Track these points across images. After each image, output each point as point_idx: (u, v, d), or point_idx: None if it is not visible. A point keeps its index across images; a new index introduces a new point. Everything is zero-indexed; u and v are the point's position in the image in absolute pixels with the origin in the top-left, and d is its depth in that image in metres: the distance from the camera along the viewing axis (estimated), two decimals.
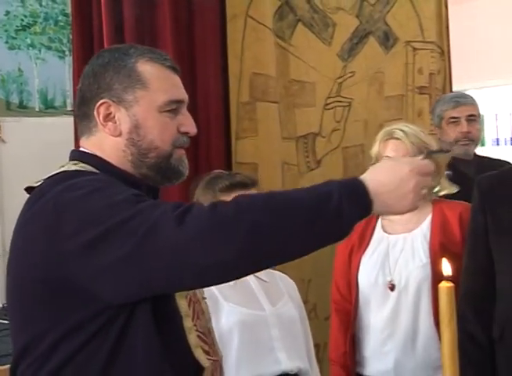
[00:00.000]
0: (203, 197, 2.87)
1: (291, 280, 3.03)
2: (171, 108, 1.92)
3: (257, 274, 2.89)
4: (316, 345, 3.38)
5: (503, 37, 6.19)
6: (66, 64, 6.10)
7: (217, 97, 3.67)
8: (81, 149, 1.98)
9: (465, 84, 5.31)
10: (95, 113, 1.92)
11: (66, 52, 6.13)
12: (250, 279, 2.88)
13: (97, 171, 1.90)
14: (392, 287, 3.28)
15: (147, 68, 1.93)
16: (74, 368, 1.80)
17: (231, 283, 2.80)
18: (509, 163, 3.99)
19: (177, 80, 1.98)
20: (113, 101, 1.91)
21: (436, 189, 1.88)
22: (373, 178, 1.71)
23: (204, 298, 2.06)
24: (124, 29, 3.50)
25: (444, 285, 1.45)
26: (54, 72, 6.35)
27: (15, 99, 6.44)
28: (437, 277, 3.10)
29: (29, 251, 1.81)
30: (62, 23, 6.52)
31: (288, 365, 2.80)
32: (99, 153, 1.94)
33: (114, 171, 1.92)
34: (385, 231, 3.37)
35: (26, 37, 6.48)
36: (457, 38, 4.60)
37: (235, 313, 2.78)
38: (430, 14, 4.35)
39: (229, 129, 3.69)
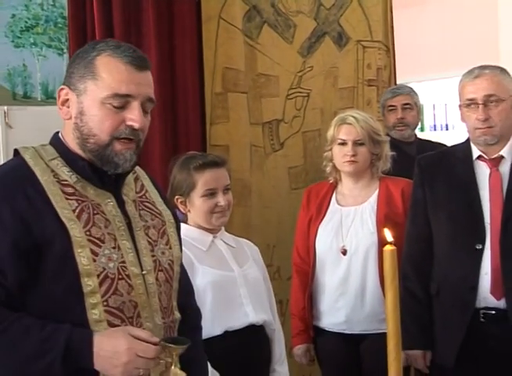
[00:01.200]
0: (179, 174, 2.85)
1: (255, 246, 3.02)
2: (117, 101, 1.83)
3: (226, 241, 2.89)
4: (280, 302, 3.39)
5: (440, 38, 6.19)
6: (65, 60, 6.08)
7: (194, 88, 3.64)
8: (58, 131, 1.96)
9: (407, 77, 5.31)
10: (57, 97, 1.89)
11: (65, 50, 6.08)
12: (220, 245, 2.87)
13: (55, 151, 1.89)
14: (344, 252, 3.29)
15: (104, 61, 1.85)
16: None
17: (204, 248, 2.81)
18: (445, 145, 4.00)
19: (135, 76, 1.86)
20: (70, 88, 1.88)
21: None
22: (102, 341, 1.73)
23: (145, 274, 1.91)
24: (113, 30, 3.46)
25: (388, 248, 1.43)
26: (54, 67, 6.19)
27: (20, 91, 6.39)
28: (382, 243, 3.07)
29: None
30: (60, 25, 6.49)
31: (255, 318, 2.80)
32: (63, 136, 1.92)
33: (65, 153, 1.89)
34: (339, 204, 3.37)
35: (29, 37, 6.27)
36: (401, 38, 4.58)
37: (208, 274, 2.76)
38: (378, 17, 4.34)
39: (204, 116, 3.65)
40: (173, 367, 1.75)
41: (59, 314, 1.78)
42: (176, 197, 2.84)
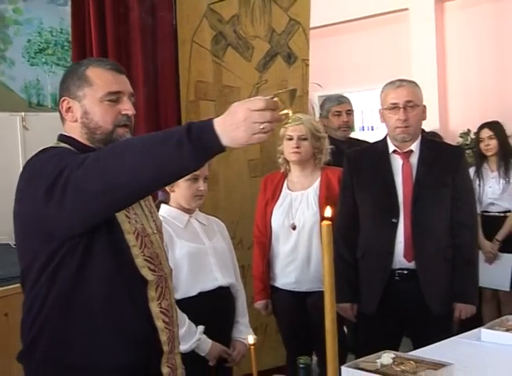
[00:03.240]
0: None
1: (222, 223, 2.99)
2: (111, 98, 1.88)
3: (199, 219, 2.87)
4: (242, 266, 3.38)
5: (366, 59, 6.20)
6: None
7: (172, 97, 3.60)
8: (62, 132, 1.97)
9: (342, 89, 5.30)
10: (60, 107, 1.92)
11: None
12: (194, 223, 2.84)
13: (67, 145, 1.89)
14: (294, 228, 3.29)
15: (93, 72, 1.90)
16: (55, 285, 1.81)
17: (181, 225, 2.78)
18: (369, 142, 4.01)
19: (118, 77, 1.92)
20: (71, 97, 1.91)
21: (287, 120, 1.61)
22: (222, 119, 1.54)
23: (155, 233, 1.99)
24: (107, 52, 3.44)
25: (325, 223, 1.42)
26: None
27: (34, 100, 6.67)
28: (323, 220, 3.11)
29: (18, 200, 1.83)
30: (66, 48, 6.73)
31: (222, 281, 2.79)
32: (69, 134, 1.92)
33: (77, 145, 1.90)
34: (289, 189, 3.37)
35: (42, 57, 6.68)
36: (340, 60, 4.62)
37: (185, 247, 2.74)
38: None
39: (181, 119, 3.60)
40: (290, 113, 1.57)
41: (116, 261, 1.83)
42: None
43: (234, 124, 1.51)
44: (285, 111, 1.55)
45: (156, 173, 1.59)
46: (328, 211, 1.43)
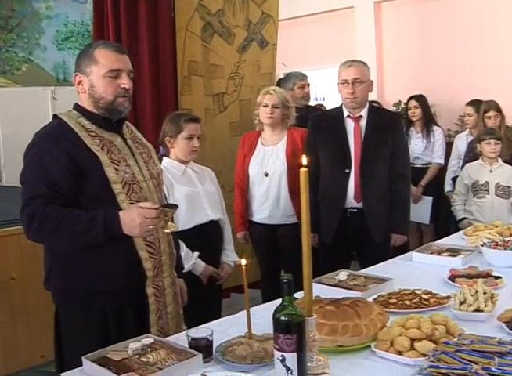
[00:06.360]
0: (170, 122, 2.69)
1: (211, 170, 2.89)
2: (111, 74, 1.80)
3: (193, 168, 2.76)
4: (225, 205, 3.30)
5: (319, 45, 6.07)
6: None
7: (170, 73, 3.46)
8: (77, 101, 1.89)
9: (302, 68, 5.16)
10: (74, 81, 1.86)
11: None
12: (189, 171, 2.73)
13: (76, 112, 1.84)
14: (266, 175, 3.21)
15: (99, 52, 1.81)
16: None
17: (179, 173, 2.68)
18: (321, 109, 3.92)
19: (119, 57, 1.82)
20: (81, 73, 1.83)
21: (166, 227, 1.76)
22: (123, 215, 1.72)
23: (146, 180, 1.89)
24: (121, 40, 3.30)
25: (303, 170, 1.33)
26: None
27: (61, 77, 6.75)
28: (289, 169, 3.14)
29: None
30: (86, 36, 6.77)
31: (213, 216, 2.72)
32: (81, 103, 1.86)
33: (85, 113, 1.85)
34: (263, 145, 3.28)
35: (67, 44, 6.77)
36: (298, 44, 4.49)
37: (183, 190, 2.64)
38: None
39: (177, 90, 3.49)
40: (169, 222, 1.75)
41: (103, 207, 1.76)
42: (167, 137, 2.68)
43: (132, 224, 1.70)
44: (169, 223, 1.74)
45: (76, 245, 1.75)
46: (304, 160, 1.34)
